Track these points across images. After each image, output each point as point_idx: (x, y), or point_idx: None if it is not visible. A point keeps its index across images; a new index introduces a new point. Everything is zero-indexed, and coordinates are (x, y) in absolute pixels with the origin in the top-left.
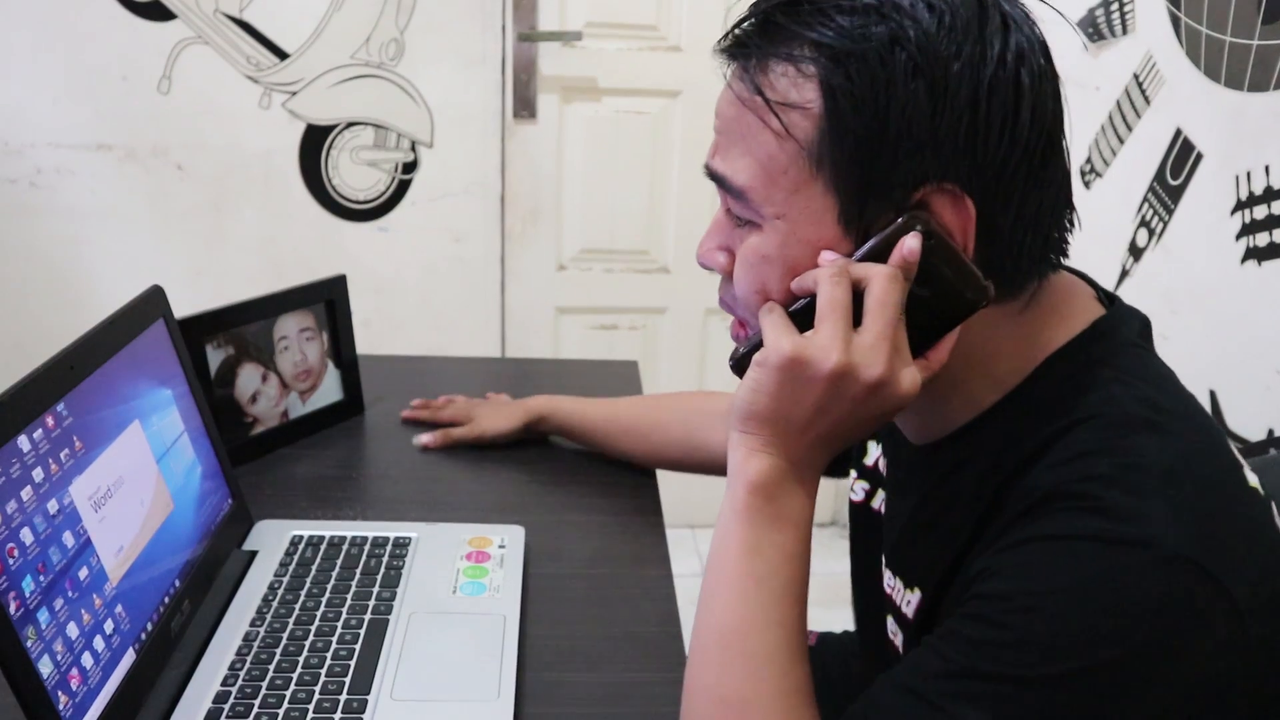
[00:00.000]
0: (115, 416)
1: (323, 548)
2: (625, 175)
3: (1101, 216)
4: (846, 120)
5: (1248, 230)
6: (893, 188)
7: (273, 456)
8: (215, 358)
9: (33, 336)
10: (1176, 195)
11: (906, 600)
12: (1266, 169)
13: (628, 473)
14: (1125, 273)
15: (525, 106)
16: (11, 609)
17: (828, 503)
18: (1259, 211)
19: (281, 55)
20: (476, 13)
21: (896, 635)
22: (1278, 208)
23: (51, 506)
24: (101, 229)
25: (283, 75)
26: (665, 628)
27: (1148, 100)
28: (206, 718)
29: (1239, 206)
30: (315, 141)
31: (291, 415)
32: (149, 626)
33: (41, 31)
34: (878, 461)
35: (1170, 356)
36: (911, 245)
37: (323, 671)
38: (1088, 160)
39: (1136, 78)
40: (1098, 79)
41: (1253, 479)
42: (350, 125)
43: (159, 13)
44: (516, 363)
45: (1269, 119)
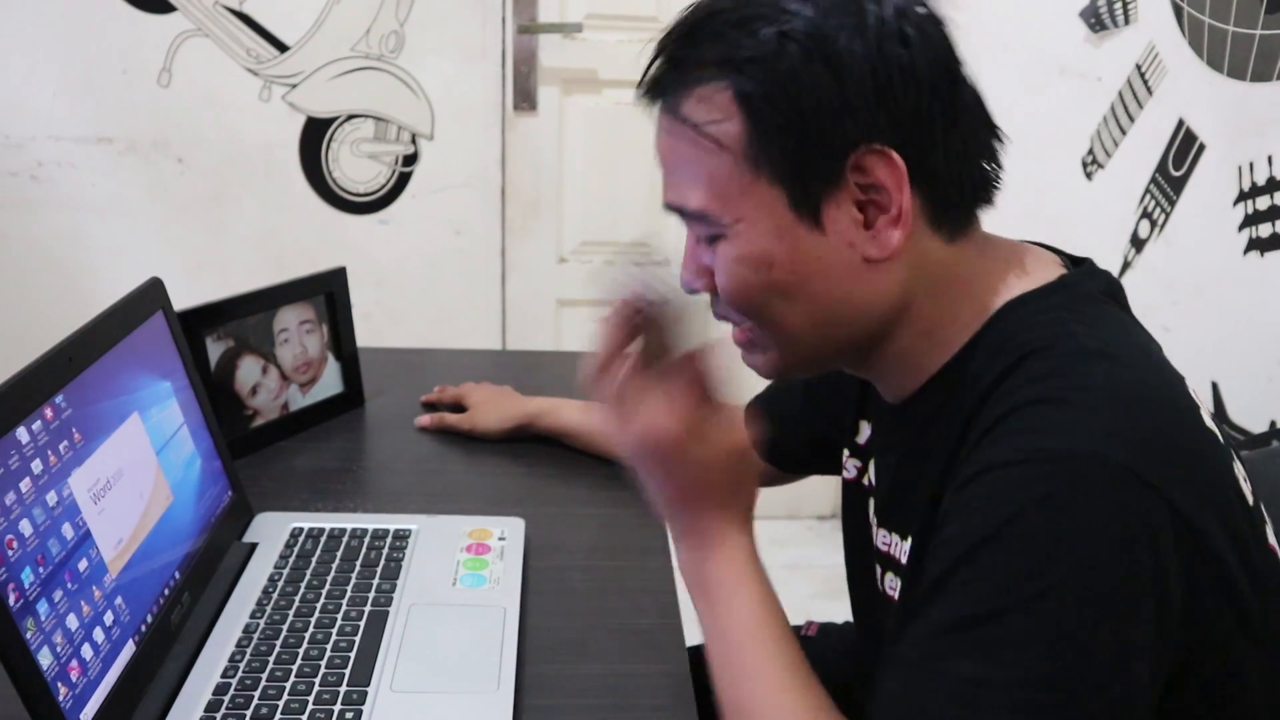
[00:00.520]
0: (115, 408)
1: (323, 540)
2: (626, 167)
3: (1103, 207)
4: (766, 119)
5: (1250, 221)
6: (826, 163)
7: (272, 449)
8: (215, 350)
9: (32, 328)
10: (1179, 186)
11: (903, 551)
12: (1269, 159)
13: (628, 469)
14: (1127, 264)
15: (525, 98)
16: (11, 600)
17: (829, 496)
18: (1261, 202)
19: (282, 48)
20: (476, 5)
21: (894, 588)
22: None
23: (51, 498)
24: (102, 222)
25: (283, 68)
26: (665, 620)
27: (1150, 91)
28: (207, 709)
29: (1241, 197)
30: (315, 134)
31: (291, 408)
32: (149, 618)
33: (42, 25)
34: (868, 439)
35: (1172, 347)
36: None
37: (323, 663)
38: (1090, 151)
39: (1139, 68)
40: (1100, 69)
41: (1211, 425)
42: (350, 118)
43: (159, 5)
44: (517, 355)
45: (1272, 109)
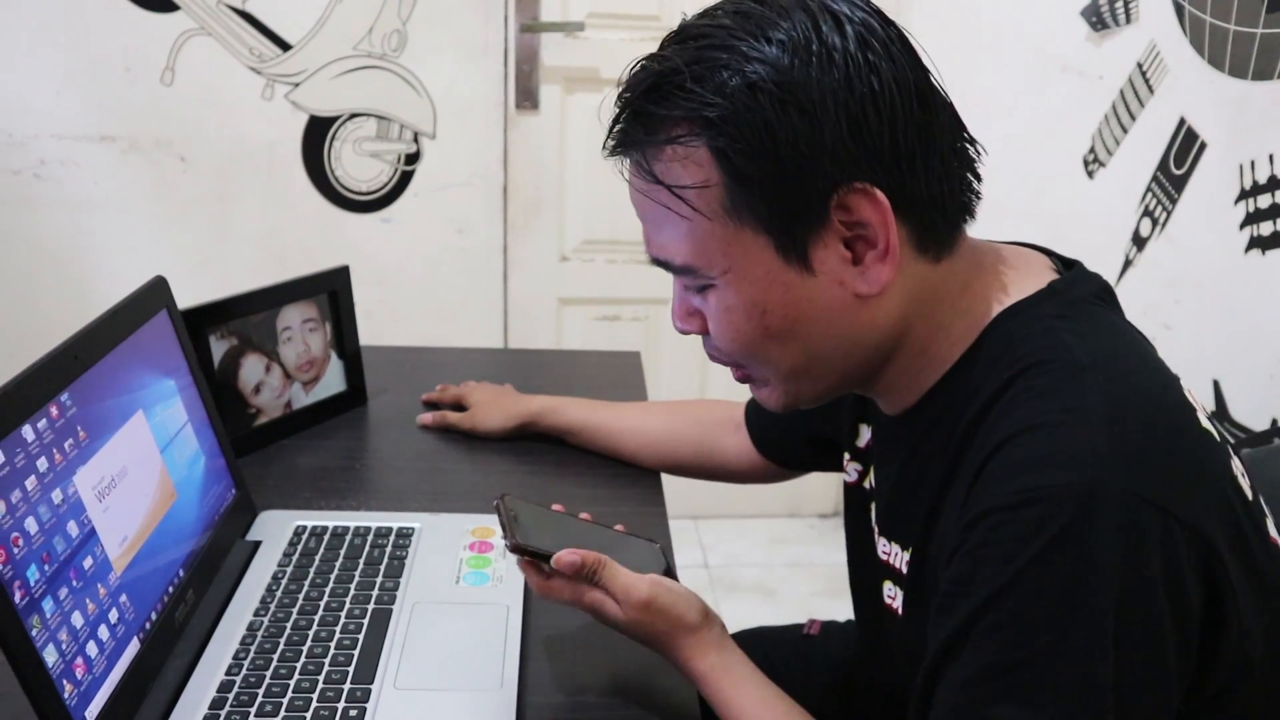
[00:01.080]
0: (119, 407)
1: (326, 538)
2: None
3: (1105, 206)
4: (744, 171)
5: (1251, 219)
6: (810, 207)
7: (276, 447)
8: (219, 348)
9: (37, 327)
10: (1180, 184)
11: (904, 561)
12: (1270, 158)
13: (630, 466)
14: (1129, 262)
15: (527, 97)
16: (16, 598)
17: (831, 494)
18: (1263, 200)
19: (284, 46)
20: (479, 3)
21: (895, 598)
22: None
23: (56, 496)
24: (105, 220)
25: (285, 66)
26: None
27: (1151, 89)
28: (211, 707)
29: (1242, 196)
30: (318, 133)
31: (295, 406)
32: (153, 616)
33: (45, 23)
34: (868, 443)
35: (1174, 346)
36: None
37: (326, 661)
38: (1091, 150)
39: (1140, 67)
40: (1101, 68)
41: (1208, 424)
42: (353, 116)
43: (162, 4)
44: (519, 354)
45: (1273, 108)
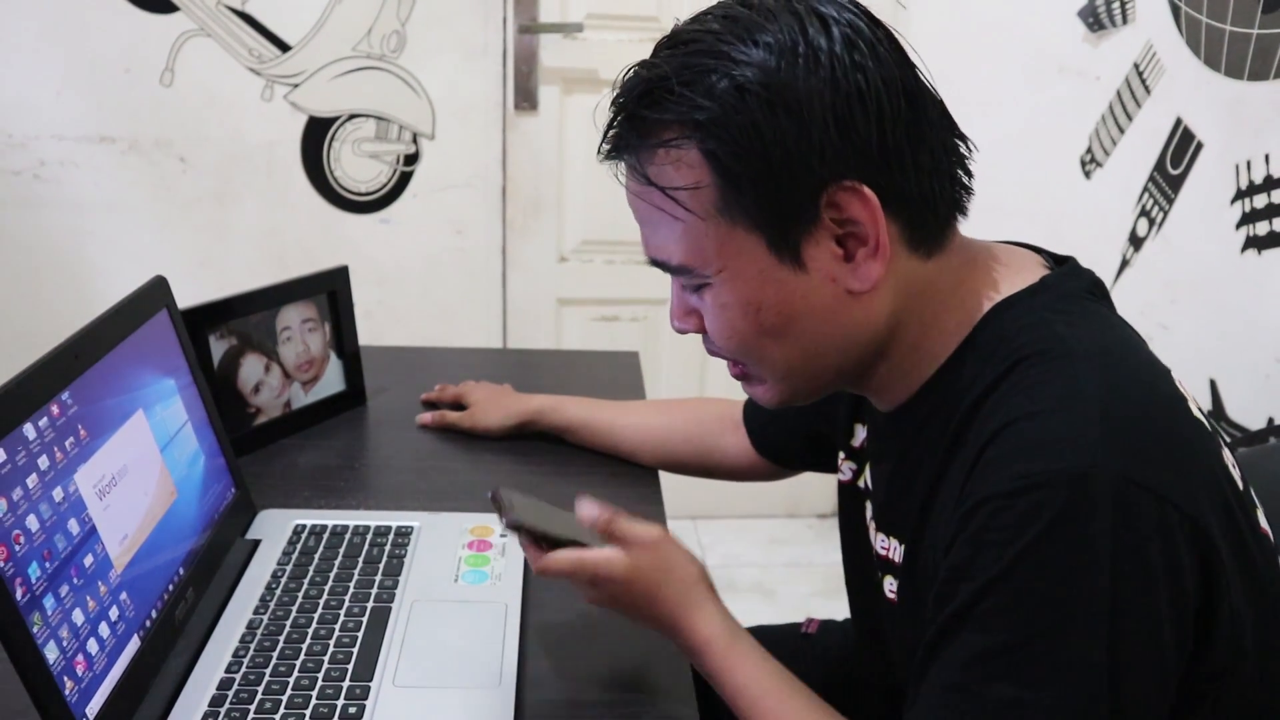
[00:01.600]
0: (119, 405)
1: (325, 537)
2: None
3: (1102, 206)
4: (735, 172)
5: (1248, 219)
6: (800, 205)
7: (275, 446)
8: (218, 348)
9: (37, 327)
10: (1177, 184)
11: (901, 554)
12: (1266, 158)
13: (629, 464)
14: (1126, 262)
15: (526, 98)
16: (18, 595)
17: (829, 494)
18: (1259, 200)
19: (283, 47)
20: (478, 4)
21: (895, 590)
22: (1278, 196)
23: (57, 494)
24: (105, 221)
25: (285, 67)
26: None
27: (1148, 90)
28: (211, 704)
29: (1239, 195)
30: (317, 133)
31: (294, 405)
32: (153, 614)
33: (44, 24)
34: (863, 442)
35: (1171, 346)
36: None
37: (326, 659)
38: (1088, 150)
39: (1137, 67)
40: (1098, 69)
41: (1199, 415)
42: (352, 117)
43: (162, 5)
44: (518, 354)
45: (1269, 108)
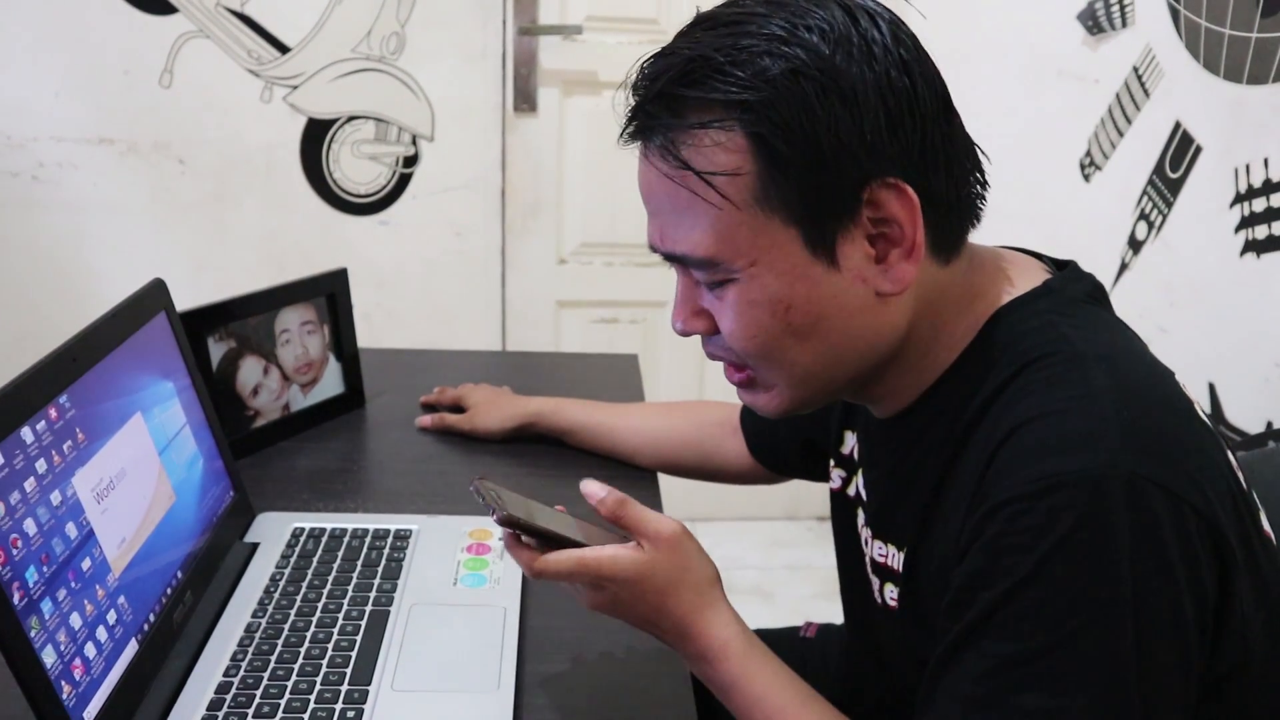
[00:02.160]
0: (118, 409)
1: (324, 540)
2: (625, 169)
3: (1101, 209)
4: (783, 158)
5: (1247, 223)
6: (842, 199)
7: (274, 449)
8: (217, 351)
9: (35, 329)
10: (1176, 188)
11: (899, 560)
12: (1265, 162)
13: (628, 466)
14: (1125, 266)
15: (526, 100)
16: (15, 599)
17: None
18: (1258, 204)
19: (283, 49)
20: (477, 6)
21: (893, 596)
22: (1277, 200)
23: (55, 498)
24: (104, 223)
25: (284, 69)
26: None
27: (1147, 93)
28: (209, 708)
29: (1238, 199)
30: (316, 135)
31: (293, 408)
32: (151, 618)
33: (43, 26)
34: (853, 450)
35: (1169, 349)
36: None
37: (324, 662)
38: (1087, 153)
39: (1136, 70)
40: (1097, 72)
41: (1205, 418)
42: (351, 119)
43: (160, 7)
44: (517, 356)
45: (1268, 112)
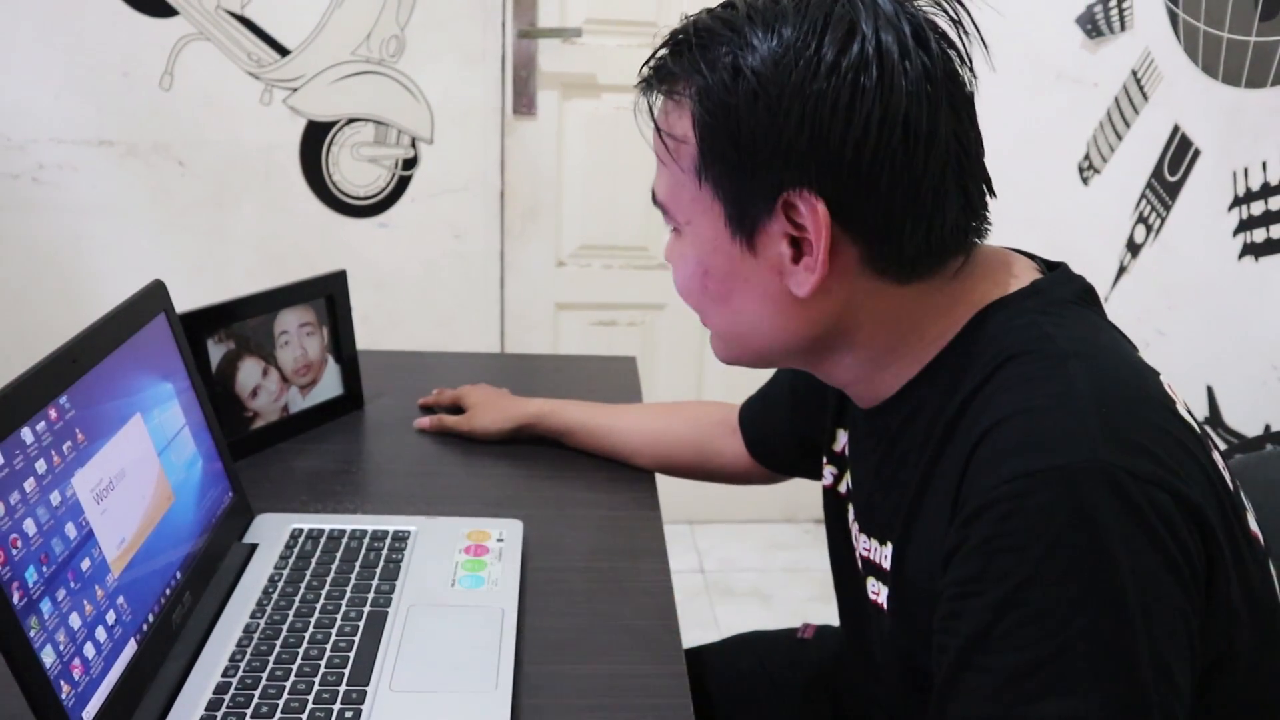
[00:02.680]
0: (117, 410)
1: (322, 541)
2: (625, 171)
3: (1099, 212)
4: (711, 145)
5: (1245, 226)
6: (760, 196)
7: (273, 450)
8: (216, 352)
9: (35, 331)
10: (1174, 191)
11: (884, 556)
12: (1264, 165)
13: (626, 468)
14: (1123, 269)
15: (525, 103)
16: (15, 599)
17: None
18: (1256, 207)
19: (283, 52)
20: (477, 9)
21: (879, 594)
22: (1275, 203)
23: (54, 498)
24: (103, 224)
25: (284, 71)
26: (662, 621)
27: (1146, 96)
28: (208, 708)
29: (1236, 202)
30: (316, 137)
31: (292, 410)
32: (150, 618)
33: (43, 27)
34: (844, 447)
35: (1168, 352)
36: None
37: (322, 663)
38: (1086, 156)
39: (1135, 74)
40: (1096, 75)
41: (1187, 416)
42: (351, 121)
43: (161, 9)
44: (516, 358)
45: (1266, 115)
